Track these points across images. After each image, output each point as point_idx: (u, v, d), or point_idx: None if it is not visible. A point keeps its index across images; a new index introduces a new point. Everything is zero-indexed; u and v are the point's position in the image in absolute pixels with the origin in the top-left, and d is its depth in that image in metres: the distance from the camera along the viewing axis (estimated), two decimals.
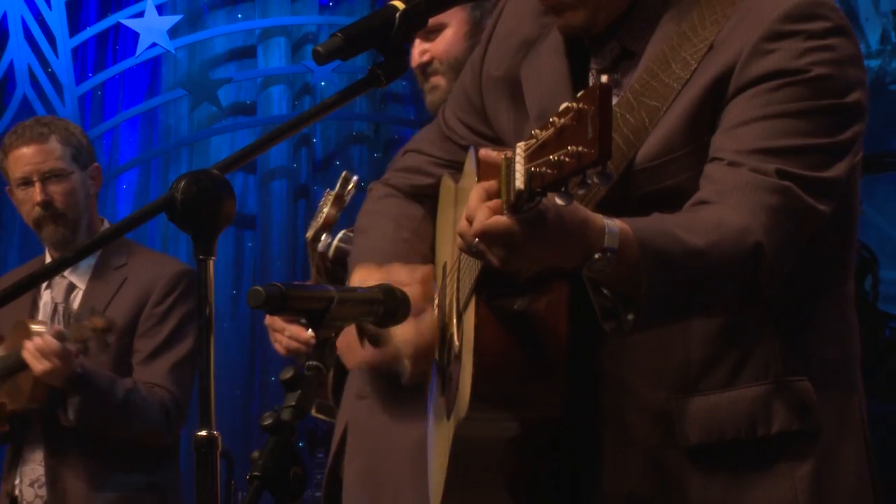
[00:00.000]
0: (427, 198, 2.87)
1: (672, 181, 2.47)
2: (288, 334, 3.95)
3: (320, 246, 3.85)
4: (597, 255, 2.25)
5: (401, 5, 2.45)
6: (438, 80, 3.83)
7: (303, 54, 9.04)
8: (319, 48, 2.42)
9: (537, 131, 2.14)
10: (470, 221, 2.25)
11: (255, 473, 2.14)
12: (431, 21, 3.63)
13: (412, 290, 2.59)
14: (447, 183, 2.78)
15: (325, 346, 2.27)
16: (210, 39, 9.04)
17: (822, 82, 2.45)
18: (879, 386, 6.26)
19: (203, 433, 2.21)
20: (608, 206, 2.38)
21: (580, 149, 2.05)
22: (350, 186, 4.04)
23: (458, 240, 2.33)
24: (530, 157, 2.12)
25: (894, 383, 6.67)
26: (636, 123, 2.49)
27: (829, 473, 2.53)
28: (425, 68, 3.84)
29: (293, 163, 8.95)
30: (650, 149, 2.48)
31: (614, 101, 2.49)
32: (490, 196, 2.24)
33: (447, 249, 2.73)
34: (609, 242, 2.25)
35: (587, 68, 2.62)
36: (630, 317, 2.32)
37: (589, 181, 2.06)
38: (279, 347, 3.98)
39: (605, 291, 2.33)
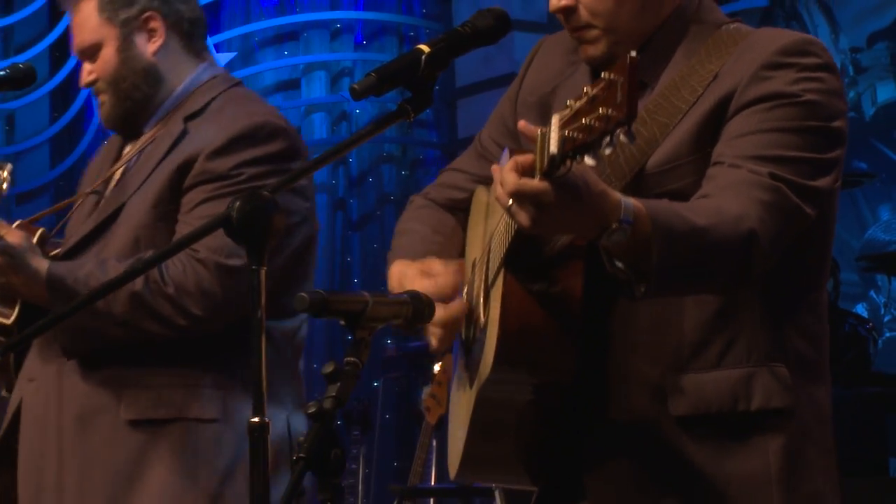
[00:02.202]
0: (461, 211, 2.86)
1: (677, 185, 2.47)
2: None
3: None
4: (614, 226, 2.26)
5: (426, 49, 2.44)
6: (104, 97, 3.61)
7: (340, 86, 9.05)
8: (356, 86, 2.40)
9: (571, 101, 2.15)
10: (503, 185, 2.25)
11: (301, 455, 2.13)
12: (89, 44, 3.55)
13: (444, 279, 2.60)
14: (480, 195, 2.78)
15: (360, 345, 2.26)
16: (260, 73, 9.05)
17: (812, 106, 2.47)
18: (840, 374, 6.24)
19: (255, 420, 2.20)
20: None
21: (609, 111, 2.06)
22: (3, 173, 3.52)
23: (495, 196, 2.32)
24: (564, 125, 2.13)
25: (853, 372, 6.66)
26: (648, 136, 2.50)
27: (800, 449, 2.52)
28: (93, 87, 3.63)
29: (332, 179, 8.96)
30: (659, 157, 2.50)
31: None
32: (522, 164, 2.24)
33: (476, 253, 2.73)
34: (625, 215, 2.26)
35: None
36: (642, 288, 2.32)
37: (615, 141, 2.07)
38: None
39: (619, 264, 2.33)
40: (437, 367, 6.44)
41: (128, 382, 3.44)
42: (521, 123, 2.31)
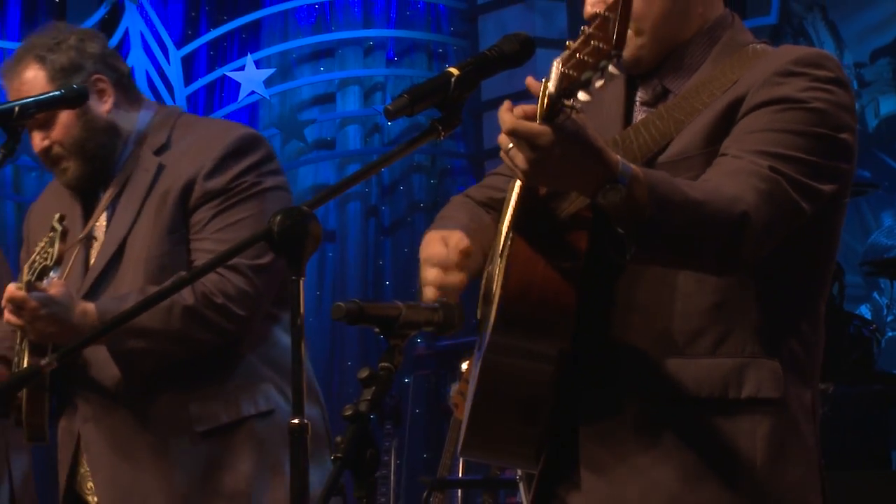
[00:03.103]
0: (498, 211, 2.87)
1: (685, 176, 2.47)
2: None
3: (46, 282, 3.40)
4: (609, 185, 2.26)
5: (455, 71, 2.44)
6: (67, 163, 3.58)
7: (373, 99, 9.04)
8: (389, 107, 2.40)
9: (570, 42, 2.18)
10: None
11: (338, 455, 2.14)
12: (41, 115, 3.47)
13: (454, 245, 2.57)
14: (510, 195, 2.79)
15: (394, 351, 2.27)
16: (298, 88, 9.06)
17: (820, 114, 2.47)
18: (845, 374, 6.21)
19: (296, 421, 2.20)
20: None
21: (601, 45, 2.11)
22: (65, 221, 3.47)
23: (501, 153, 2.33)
24: (563, 63, 2.16)
25: (857, 371, 6.62)
26: (664, 129, 2.52)
27: (786, 439, 2.52)
28: (48, 154, 3.59)
29: (365, 187, 8.95)
30: (671, 149, 2.52)
31: (651, 114, 2.56)
32: (524, 109, 2.27)
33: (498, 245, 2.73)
34: (622, 176, 2.27)
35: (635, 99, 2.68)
36: (632, 248, 2.33)
37: (606, 75, 2.13)
38: None
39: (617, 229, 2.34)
40: (464, 366, 6.44)
41: (189, 398, 3.48)
42: (529, 79, 2.33)
